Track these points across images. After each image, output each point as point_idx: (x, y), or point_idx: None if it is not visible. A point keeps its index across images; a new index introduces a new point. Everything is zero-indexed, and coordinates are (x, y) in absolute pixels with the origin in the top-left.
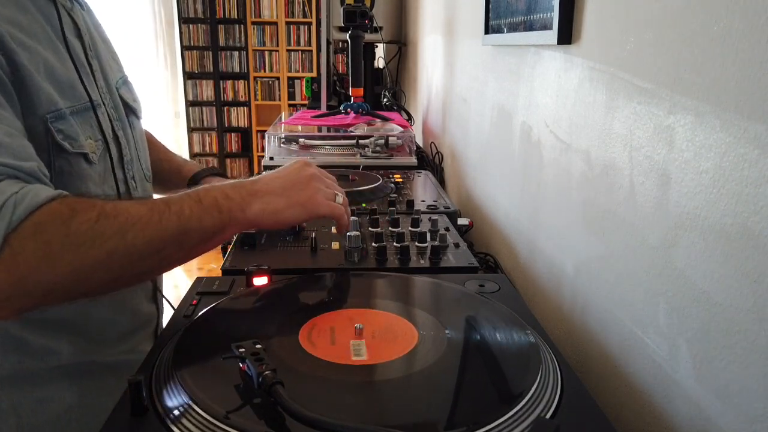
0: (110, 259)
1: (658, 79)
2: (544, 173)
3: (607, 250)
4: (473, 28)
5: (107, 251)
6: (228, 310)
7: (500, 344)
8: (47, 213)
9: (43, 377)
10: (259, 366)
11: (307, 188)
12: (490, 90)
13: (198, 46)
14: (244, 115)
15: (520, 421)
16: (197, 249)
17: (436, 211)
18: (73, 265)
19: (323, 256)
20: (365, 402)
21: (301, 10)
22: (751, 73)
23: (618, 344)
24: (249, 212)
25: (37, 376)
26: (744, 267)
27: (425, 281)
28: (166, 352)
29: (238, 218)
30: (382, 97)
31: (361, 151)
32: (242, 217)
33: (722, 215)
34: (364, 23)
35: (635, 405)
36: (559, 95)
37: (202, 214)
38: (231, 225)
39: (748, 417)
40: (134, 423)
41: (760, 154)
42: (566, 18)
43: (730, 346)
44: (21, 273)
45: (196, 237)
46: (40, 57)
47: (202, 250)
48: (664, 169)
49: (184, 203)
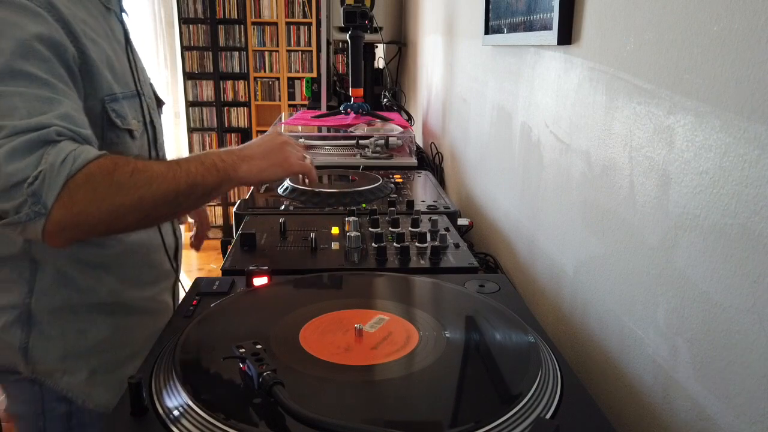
0: (140, 203)
1: (658, 79)
2: (544, 173)
3: (607, 250)
4: (473, 28)
5: (138, 197)
6: (228, 310)
7: (500, 344)
8: (96, 166)
9: (84, 311)
10: (259, 366)
11: (282, 152)
12: (490, 90)
13: (198, 47)
14: (244, 116)
15: (520, 421)
16: (202, 199)
17: (436, 211)
18: (113, 206)
19: (323, 256)
20: (365, 402)
21: (301, 11)
22: (751, 73)
23: (618, 344)
24: (240, 172)
25: (80, 309)
26: (744, 267)
27: (425, 281)
28: (167, 352)
29: (231, 177)
30: (382, 97)
31: (361, 151)
32: (235, 176)
33: (722, 215)
34: (364, 23)
35: (635, 405)
36: (559, 95)
37: (205, 173)
38: (226, 182)
39: (748, 417)
40: (134, 423)
41: (760, 154)
42: (566, 18)
43: (730, 346)
44: (75, 211)
45: (200, 190)
46: (103, 52)
47: (206, 200)
48: (664, 169)
49: (191, 164)
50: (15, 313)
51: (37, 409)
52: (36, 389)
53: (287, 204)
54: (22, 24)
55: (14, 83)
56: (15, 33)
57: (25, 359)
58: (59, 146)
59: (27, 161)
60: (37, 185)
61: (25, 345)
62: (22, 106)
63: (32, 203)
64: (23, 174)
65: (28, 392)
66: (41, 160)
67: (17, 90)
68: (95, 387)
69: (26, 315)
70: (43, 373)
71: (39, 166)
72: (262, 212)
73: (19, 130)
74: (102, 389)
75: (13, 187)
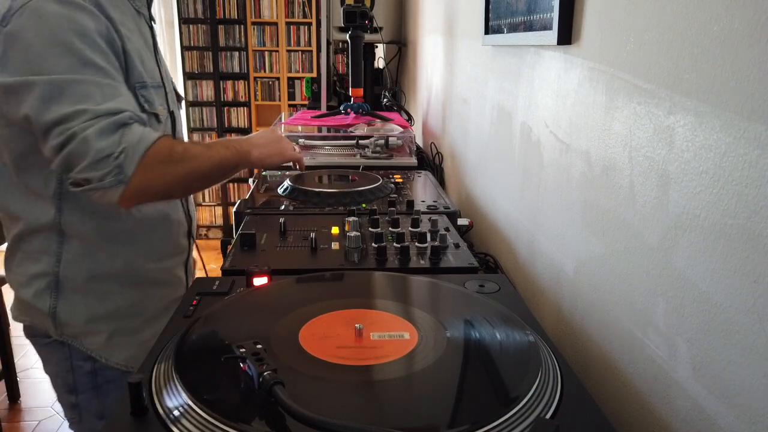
0: (189, 175)
1: (658, 79)
2: (544, 173)
3: (607, 250)
4: (473, 28)
5: (188, 170)
6: (228, 310)
7: (500, 344)
8: (159, 145)
9: (105, 280)
10: (259, 366)
11: (280, 143)
12: (490, 90)
13: (198, 47)
14: (244, 116)
15: (520, 422)
16: (226, 176)
17: (436, 211)
18: (171, 177)
19: (323, 256)
20: (365, 402)
21: (301, 11)
22: (751, 73)
23: (618, 344)
24: (252, 157)
25: (101, 279)
26: (744, 267)
27: (425, 281)
28: (167, 352)
29: (247, 159)
30: (382, 97)
31: (361, 151)
32: (249, 159)
33: (722, 215)
34: (364, 24)
35: (635, 405)
36: (559, 95)
37: (228, 155)
38: (242, 164)
39: (748, 417)
40: (134, 423)
41: (760, 154)
42: (566, 18)
43: (730, 346)
44: (147, 178)
45: (227, 166)
46: (135, 47)
47: (227, 177)
48: (664, 169)
49: (217, 147)
50: (45, 281)
51: (67, 367)
52: (65, 350)
53: (287, 204)
54: (83, 21)
55: (86, 72)
56: (77, 27)
57: (54, 323)
58: (133, 128)
59: (112, 139)
60: (122, 159)
61: (54, 310)
62: (96, 93)
63: (116, 173)
64: (110, 150)
65: (58, 353)
66: (122, 139)
67: (90, 78)
68: (115, 348)
69: (54, 283)
70: (69, 336)
71: (121, 143)
72: (262, 212)
73: (100, 114)
74: (121, 349)
75: (102, 159)
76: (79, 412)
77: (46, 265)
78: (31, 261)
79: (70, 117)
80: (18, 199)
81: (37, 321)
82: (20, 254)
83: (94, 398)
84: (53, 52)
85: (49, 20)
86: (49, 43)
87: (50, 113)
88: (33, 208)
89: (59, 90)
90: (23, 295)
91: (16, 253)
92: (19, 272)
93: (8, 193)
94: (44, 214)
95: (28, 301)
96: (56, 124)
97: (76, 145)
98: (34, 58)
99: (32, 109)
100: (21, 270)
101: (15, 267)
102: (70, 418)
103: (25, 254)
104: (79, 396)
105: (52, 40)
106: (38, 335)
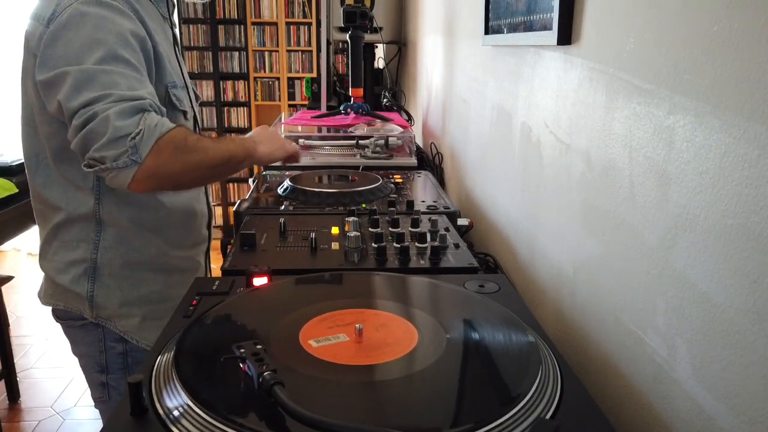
0: (199, 164)
1: (658, 79)
2: (544, 173)
3: (607, 250)
4: (473, 28)
5: (199, 159)
6: (228, 310)
7: (500, 345)
8: (173, 133)
9: (137, 267)
10: (259, 366)
11: (279, 140)
12: (489, 90)
13: (198, 47)
14: (244, 116)
15: (520, 422)
16: (233, 170)
17: (436, 211)
18: (182, 165)
19: (323, 256)
20: (365, 402)
21: (301, 11)
22: (751, 73)
23: (618, 344)
24: (257, 153)
25: (134, 265)
26: (744, 267)
27: (425, 281)
28: (167, 352)
29: (252, 155)
30: (382, 97)
31: (361, 151)
32: (255, 155)
33: (722, 215)
34: (364, 24)
35: (635, 405)
36: (559, 95)
37: (236, 149)
38: (248, 159)
39: (748, 417)
40: (134, 423)
41: (760, 154)
42: (566, 18)
43: (729, 347)
44: (159, 162)
45: (234, 161)
46: (164, 50)
47: (234, 171)
48: (664, 169)
49: (226, 142)
50: (83, 267)
51: (99, 348)
52: (99, 331)
53: (287, 204)
54: (118, 21)
55: (116, 65)
56: (114, 27)
57: (90, 306)
58: (151, 114)
59: (131, 121)
60: (138, 140)
61: (91, 294)
62: (123, 83)
63: (131, 153)
64: (128, 130)
65: (92, 334)
66: (140, 122)
67: (118, 70)
68: (145, 330)
69: (92, 269)
70: (104, 318)
71: (139, 125)
72: (262, 212)
73: (123, 98)
74: (150, 331)
75: (120, 138)
76: (107, 391)
77: (84, 252)
78: (69, 248)
79: (95, 100)
80: (59, 191)
81: (72, 305)
82: (57, 242)
83: (122, 378)
84: (89, 47)
85: (90, 20)
86: (87, 40)
87: (79, 97)
88: (73, 198)
89: (89, 78)
90: (61, 280)
91: (53, 242)
92: (56, 259)
93: (49, 185)
94: (83, 204)
95: (66, 286)
96: (82, 107)
97: (96, 123)
98: (72, 53)
99: (63, 96)
100: (58, 257)
101: (51, 255)
102: (98, 397)
103: (63, 242)
104: (110, 376)
105: (91, 37)
106: (71, 318)
